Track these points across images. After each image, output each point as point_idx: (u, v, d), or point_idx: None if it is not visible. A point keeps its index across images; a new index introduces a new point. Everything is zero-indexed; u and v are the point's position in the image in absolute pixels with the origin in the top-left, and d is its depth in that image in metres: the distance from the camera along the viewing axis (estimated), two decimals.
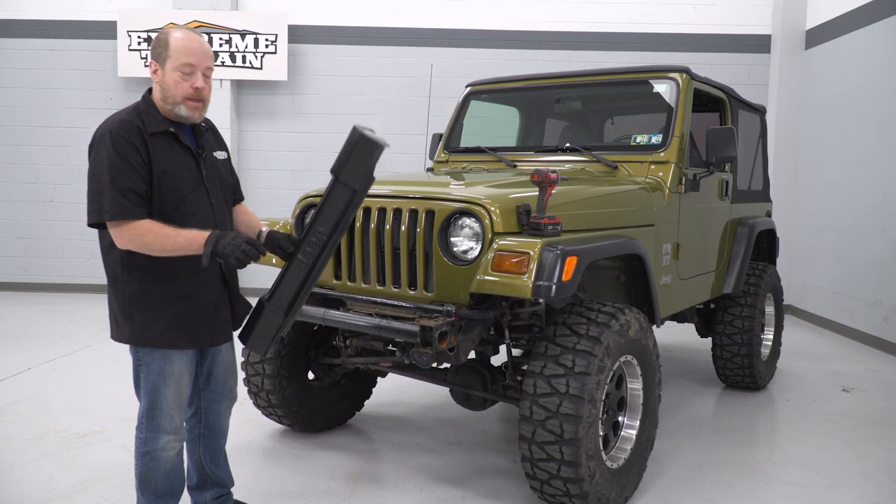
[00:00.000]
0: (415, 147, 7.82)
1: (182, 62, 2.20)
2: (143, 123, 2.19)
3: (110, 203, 2.08)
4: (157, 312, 2.23)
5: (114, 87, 7.88)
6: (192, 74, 2.22)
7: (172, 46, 2.20)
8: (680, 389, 4.76)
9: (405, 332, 2.58)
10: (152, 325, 2.22)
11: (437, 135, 4.58)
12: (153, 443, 2.32)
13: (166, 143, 2.23)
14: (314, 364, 3.65)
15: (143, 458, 2.33)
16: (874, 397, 4.67)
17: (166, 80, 2.21)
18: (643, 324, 2.91)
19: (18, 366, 4.95)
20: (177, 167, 2.23)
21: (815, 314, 7.21)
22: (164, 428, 2.32)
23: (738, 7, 7.80)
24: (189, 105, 2.24)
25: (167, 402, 2.30)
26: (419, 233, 2.75)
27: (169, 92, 2.22)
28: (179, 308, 2.25)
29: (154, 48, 2.25)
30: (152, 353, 2.26)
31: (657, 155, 3.62)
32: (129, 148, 2.12)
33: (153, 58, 2.25)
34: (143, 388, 2.31)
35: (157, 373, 2.27)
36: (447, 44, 7.84)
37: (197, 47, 2.23)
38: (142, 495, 2.37)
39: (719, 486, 3.23)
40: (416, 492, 3.10)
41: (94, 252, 8.05)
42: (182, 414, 2.38)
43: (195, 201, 2.27)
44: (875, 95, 6.29)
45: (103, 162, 2.12)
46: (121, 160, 2.10)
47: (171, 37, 2.22)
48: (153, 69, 2.25)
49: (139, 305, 2.23)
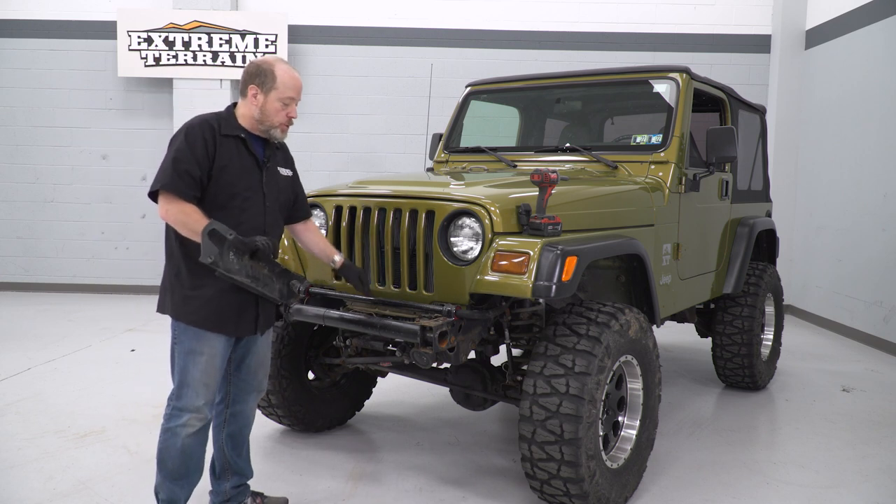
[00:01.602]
0: (415, 147, 7.83)
1: (287, 95, 2.48)
2: (219, 125, 2.43)
3: (164, 176, 2.31)
4: (193, 291, 2.40)
5: (114, 87, 7.88)
6: (289, 105, 2.50)
7: (279, 80, 2.46)
8: (680, 389, 4.77)
9: (405, 331, 2.58)
10: (188, 302, 2.40)
11: (437, 135, 4.58)
12: (175, 419, 2.43)
13: (234, 146, 2.45)
14: (314, 364, 3.65)
15: (164, 435, 2.45)
16: (874, 397, 4.67)
17: (268, 107, 2.47)
18: (643, 324, 2.91)
19: (18, 366, 4.95)
20: (237, 167, 2.45)
21: (815, 314, 7.21)
22: (189, 405, 2.42)
23: (738, 7, 7.80)
24: (283, 129, 2.54)
25: (194, 379, 2.42)
26: (419, 233, 2.75)
27: (267, 117, 2.48)
28: (212, 294, 2.41)
29: (256, 75, 2.47)
30: (186, 331, 2.42)
31: (657, 155, 3.62)
32: (198, 139, 2.36)
33: (254, 83, 2.47)
34: (176, 366, 2.45)
35: (187, 350, 2.42)
36: (447, 44, 7.85)
37: (298, 83, 2.53)
38: (159, 473, 2.48)
39: (719, 486, 3.23)
40: (416, 492, 3.10)
41: (94, 252, 8.13)
42: (208, 395, 2.47)
43: (249, 199, 2.47)
44: (875, 95, 6.29)
45: (173, 147, 2.36)
46: (188, 147, 2.34)
47: (276, 69, 2.47)
48: (252, 93, 2.47)
49: (181, 282, 2.42)
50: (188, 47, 7.61)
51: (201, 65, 7.63)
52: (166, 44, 7.61)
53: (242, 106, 2.51)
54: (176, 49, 7.62)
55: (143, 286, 8.07)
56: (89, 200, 8.03)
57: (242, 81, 2.51)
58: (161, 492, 2.50)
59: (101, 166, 7.99)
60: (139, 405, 4.17)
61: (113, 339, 5.84)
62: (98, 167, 7.99)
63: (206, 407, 2.46)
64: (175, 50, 7.62)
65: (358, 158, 7.98)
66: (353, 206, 2.95)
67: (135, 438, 3.63)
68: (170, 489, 2.49)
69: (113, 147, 7.97)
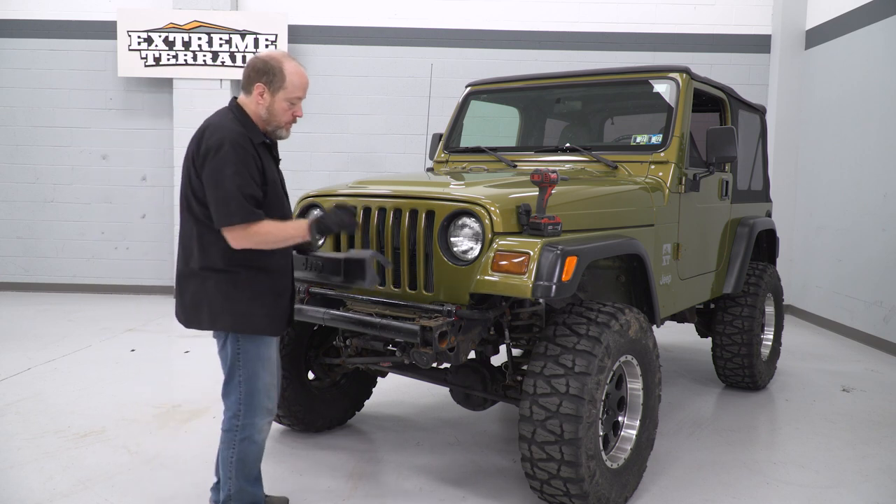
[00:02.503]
0: (415, 147, 7.83)
1: (295, 95, 2.44)
2: (251, 136, 2.37)
3: (238, 208, 2.26)
4: (256, 301, 2.41)
5: (114, 87, 7.88)
6: (296, 105, 2.47)
7: (288, 80, 2.41)
8: (680, 389, 4.77)
9: (405, 331, 2.59)
10: (253, 312, 2.41)
11: (437, 135, 4.58)
12: (250, 428, 2.48)
13: (265, 153, 2.43)
14: (314, 364, 3.65)
15: (241, 444, 2.48)
16: (874, 397, 4.67)
17: (275, 106, 2.42)
18: (643, 324, 2.91)
19: (18, 366, 4.95)
20: (275, 177, 2.47)
21: (815, 314, 7.21)
22: (263, 409, 2.49)
23: (738, 7, 7.80)
24: (287, 128, 2.51)
25: (265, 383, 2.48)
26: (419, 233, 2.75)
27: (274, 117, 2.44)
28: (272, 298, 2.46)
29: (264, 73, 2.40)
30: (252, 340, 2.44)
31: (657, 155, 3.62)
32: (248, 157, 2.31)
33: (261, 81, 2.40)
34: (242, 376, 2.45)
35: (255, 358, 2.45)
36: (447, 44, 7.85)
37: (306, 82, 2.49)
38: (237, 481, 2.52)
39: (719, 486, 3.23)
40: (416, 492, 3.10)
41: (94, 252, 8.13)
42: (276, 395, 2.55)
43: (286, 206, 2.54)
44: (875, 95, 6.29)
45: (226, 168, 2.26)
46: (244, 168, 2.29)
47: (285, 68, 2.41)
48: (259, 91, 2.40)
49: (242, 295, 2.39)
50: (188, 47, 7.61)
51: (201, 65, 7.63)
52: (166, 44, 7.61)
53: (248, 104, 2.44)
54: (176, 49, 7.62)
55: (143, 286, 8.07)
56: (89, 200, 8.02)
57: (246, 77, 2.42)
58: (238, 500, 2.53)
59: (101, 166, 7.99)
60: (139, 405, 4.17)
61: (113, 339, 5.84)
62: (98, 167, 7.99)
63: (275, 407, 2.55)
64: (175, 50, 7.62)
65: (358, 158, 7.98)
66: (354, 206, 2.96)
67: (135, 438, 3.63)
68: (251, 493, 2.55)
69: (113, 147, 7.97)
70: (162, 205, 8.00)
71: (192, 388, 4.59)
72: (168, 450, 3.49)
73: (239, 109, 2.43)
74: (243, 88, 2.46)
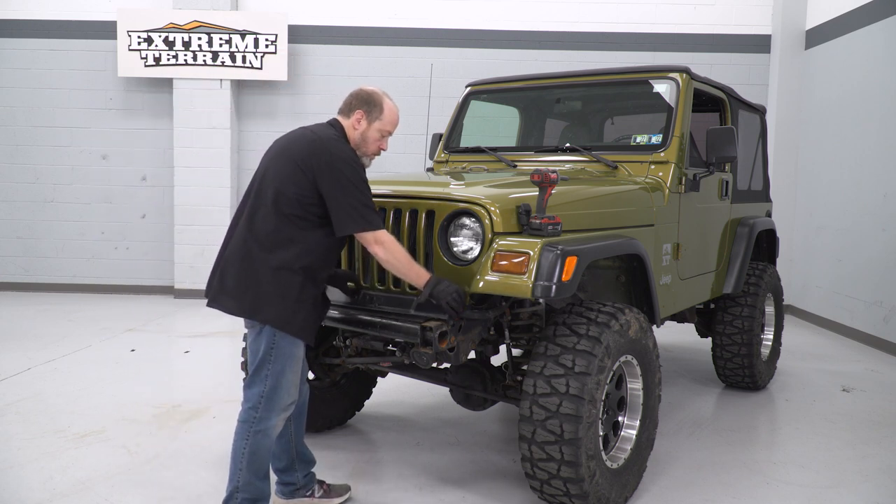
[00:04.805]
0: (415, 147, 7.83)
1: (387, 129, 2.68)
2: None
3: (371, 215, 2.48)
4: (301, 304, 2.51)
5: (114, 87, 7.89)
6: (385, 138, 2.69)
7: (385, 114, 2.65)
8: (680, 389, 4.77)
9: (405, 331, 2.59)
10: (297, 314, 2.50)
11: (437, 135, 4.58)
12: (266, 421, 2.54)
13: None
14: (314, 364, 3.63)
15: (255, 437, 2.54)
16: (874, 397, 4.67)
17: (368, 134, 2.65)
18: (643, 324, 2.91)
19: (18, 366, 4.95)
20: None
21: (815, 314, 7.21)
22: (282, 405, 2.56)
23: (738, 7, 7.80)
24: (371, 158, 2.72)
25: (289, 381, 2.56)
26: (419, 233, 2.75)
27: (366, 144, 2.65)
28: (312, 306, 2.56)
29: (366, 102, 2.64)
30: (286, 337, 2.51)
31: (657, 155, 3.62)
32: (363, 173, 2.54)
33: (362, 108, 2.63)
34: (270, 370, 2.53)
35: (287, 356, 2.53)
36: (447, 44, 7.85)
37: (398, 119, 2.72)
38: (246, 475, 2.55)
39: (719, 486, 3.23)
40: (416, 492, 3.10)
41: (94, 252, 8.13)
42: (296, 394, 2.63)
43: None
44: (875, 95, 6.29)
45: (353, 179, 2.47)
46: (364, 183, 2.51)
47: (384, 103, 2.66)
48: (357, 117, 2.63)
49: (293, 296, 2.49)
50: (188, 47, 7.61)
51: (201, 65, 7.63)
52: (166, 44, 7.61)
53: (346, 126, 2.65)
54: (176, 49, 7.62)
55: (143, 286, 8.08)
56: (89, 200, 8.03)
57: (348, 104, 2.66)
58: (245, 492, 2.56)
59: (101, 166, 7.99)
60: (139, 405, 4.17)
61: (113, 339, 5.84)
62: (98, 167, 7.99)
63: (293, 405, 2.63)
64: (175, 50, 7.62)
65: None
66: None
67: (135, 438, 3.63)
68: (258, 488, 2.58)
69: (113, 147, 7.97)
70: (162, 205, 8.00)
71: (192, 388, 4.59)
72: (168, 450, 3.49)
73: (341, 128, 2.65)
74: (342, 112, 2.68)
